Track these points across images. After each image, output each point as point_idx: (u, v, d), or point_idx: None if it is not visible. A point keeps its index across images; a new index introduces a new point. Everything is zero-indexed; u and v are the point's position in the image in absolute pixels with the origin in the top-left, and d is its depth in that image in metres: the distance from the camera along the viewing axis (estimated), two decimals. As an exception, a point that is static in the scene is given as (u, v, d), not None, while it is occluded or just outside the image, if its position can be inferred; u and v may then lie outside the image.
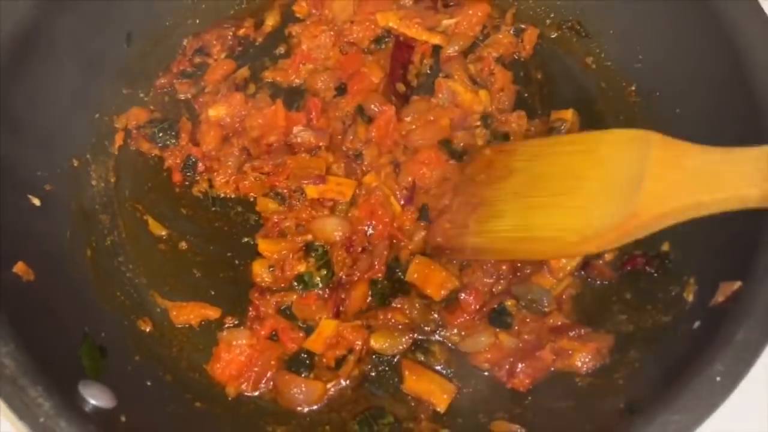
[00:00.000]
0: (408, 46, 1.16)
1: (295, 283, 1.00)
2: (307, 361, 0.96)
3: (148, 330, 0.99)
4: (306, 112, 1.09)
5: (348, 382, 0.95)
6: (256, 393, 0.95)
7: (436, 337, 0.97)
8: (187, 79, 1.17)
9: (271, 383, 0.95)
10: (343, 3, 1.17)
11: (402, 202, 1.04)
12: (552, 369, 0.92)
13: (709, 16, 0.95)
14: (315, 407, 0.94)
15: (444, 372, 0.95)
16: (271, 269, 1.01)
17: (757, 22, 0.92)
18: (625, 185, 0.77)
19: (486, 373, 0.95)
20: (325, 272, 0.99)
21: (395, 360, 0.96)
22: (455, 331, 0.97)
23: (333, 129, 1.09)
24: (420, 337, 0.97)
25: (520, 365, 0.92)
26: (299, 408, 0.93)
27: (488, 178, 0.95)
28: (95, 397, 0.81)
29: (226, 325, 0.99)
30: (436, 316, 0.98)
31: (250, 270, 1.02)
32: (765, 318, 0.75)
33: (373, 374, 0.96)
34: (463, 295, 0.97)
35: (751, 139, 0.87)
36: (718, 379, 0.73)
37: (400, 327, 0.97)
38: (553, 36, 1.19)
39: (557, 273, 0.97)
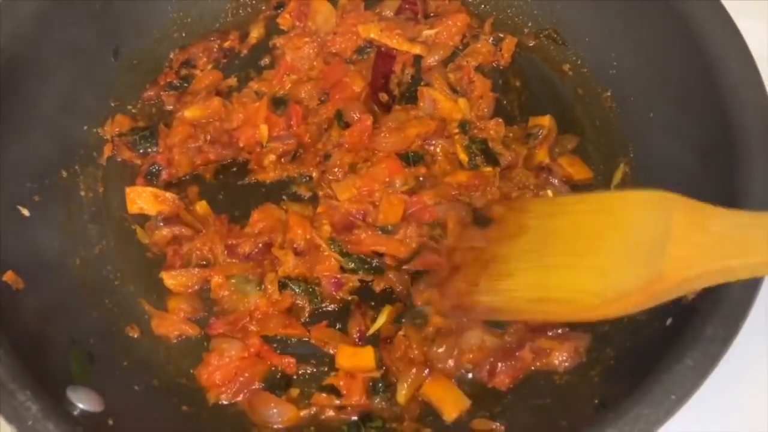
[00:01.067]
0: (389, 56, 1.18)
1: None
2: (283, 384, 0.97)
3: (135, 336, 1.00)
4: (286, 117, 1.12)
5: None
6: (233, 402, 0.95)
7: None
8: (173, 90, 1.18)
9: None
10: (326, 15, 1.20)
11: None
12: (531, 368, 0.94)
13: (680, 24, 0.98)
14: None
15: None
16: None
17: (724, 30, 0.95)
18: (646, 248, 0.74)
19: (469, 375, 0.96)
20: None
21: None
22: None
23: (310, 133, 1.11)
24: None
25: (500, 365, 0.94)
26: (271, 425, 0.93)
27: (500, 235, 0.91)
28: (83, 402, 0.83)
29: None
30: None
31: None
32: (732, 314, 0.77)
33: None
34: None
35: (717, 141, 0.91)
36: (686, 374, 0.75)
37: None
38: (530, 44, 1.21)
39: None
